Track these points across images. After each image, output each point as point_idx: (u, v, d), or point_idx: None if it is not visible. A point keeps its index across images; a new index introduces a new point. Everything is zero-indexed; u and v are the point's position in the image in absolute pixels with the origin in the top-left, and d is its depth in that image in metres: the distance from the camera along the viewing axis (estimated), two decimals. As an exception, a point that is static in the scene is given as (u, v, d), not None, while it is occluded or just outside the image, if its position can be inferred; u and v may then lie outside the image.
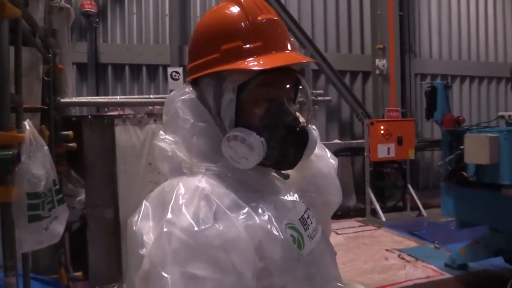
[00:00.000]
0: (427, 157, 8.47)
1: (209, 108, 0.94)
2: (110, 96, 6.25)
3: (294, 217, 0.93)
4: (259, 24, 0.92)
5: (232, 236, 0.79)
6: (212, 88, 0.93)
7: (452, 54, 8.98)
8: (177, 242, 0.77)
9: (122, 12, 7.02)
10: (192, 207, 0.81)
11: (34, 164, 1.60)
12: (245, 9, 0.92)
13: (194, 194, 0.83)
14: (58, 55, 2.85)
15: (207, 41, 0.94)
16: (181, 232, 0.77)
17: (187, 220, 0.78)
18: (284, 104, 0.94)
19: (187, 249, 0.76)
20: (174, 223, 0.78)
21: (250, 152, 0.87)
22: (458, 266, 4.30)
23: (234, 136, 0.88)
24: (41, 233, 1.63)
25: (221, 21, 0.94)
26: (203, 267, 0.76)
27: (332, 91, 7.84)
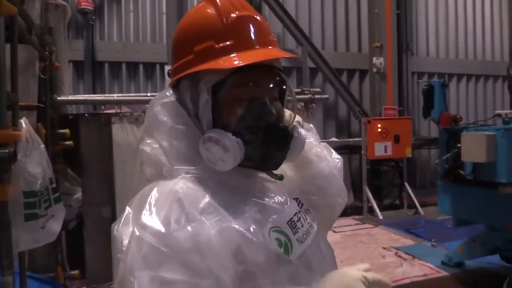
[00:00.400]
0: (424, 155, 8.49)
1: (188, 110, 0.93)
2: (106, 94, 6.24)
3: (281, 220, 0.90)
4: (231, 21, 0.89)
5: (204, 239, 0.77)
6: (189, 90, 0.92)
7: (449, 52, 9.00)
8: (147, 246, 0.75)
9: (119, 10, 6.99)
10: (164, 210, 0.79)
11: (31, 163, 1.59)
12: (219, 8, 0.90)
13: (167, 197, 0.81)
14: (54, 52, 2.83)
15: (182, 43, 0.93)
16: (151, 236, 0.76)
17: (158, 223, 0.77)
18: (264, 103, 0.89)
19: (157, 253, 0.75)
20: (145, 227, 0.77)
21: (225, 153, 0.85)
22: (454, 264, 4.31)
23: (209, 137, 0.86)
24: (38, 232, 1.63)
25: (195, 22, 0.92)
26: (175, 271, 0.74)
27: (329, 89, 7.83)
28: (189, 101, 0.92)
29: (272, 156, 0.90)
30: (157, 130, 0.92)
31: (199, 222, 0.78)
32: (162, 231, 0.76)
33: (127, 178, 3.00)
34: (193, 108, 0.92)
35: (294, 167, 1.07)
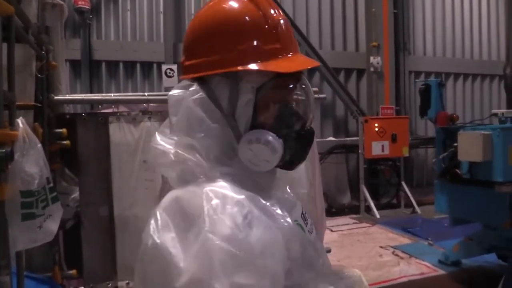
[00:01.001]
0: (421, 155, 8.51)
1: (220, 108, 0.89)
2: (104, 93, 6.23)
3: (298, 213, 0.94)
4: (277, 25, 0.89)
5: (270, 239, 0.78)
6: (227, 87, 0.88)
7: (446, 51, 9.02)
8: (221, 253, 0.73)
9: (116, 9, 6.97)
10: (227, 214, 0.77)
11: (27, 162, 1.59)
12: (260, 8, 0.89)
13: (225, 201, 0.79)
14: (51, 52, 2.81)
15: (220, 37, 0.88)
16: (223, 242, 0.74)
17: (227, 228, 0.75)
18: (293, 106, 0.93)
19: (232, 258, 0.73)
20: (214, 233, 0.74)
21: (272, 154, 0.86)
22: (451, 262, 4.34)
23: (257, 138, 0.85)
24: (35, 232, 1.62)
25: (238, 18, 0.89)
26: (249, 276, 0.73)
27: (327, 89, 7.84)
28: (225, 98, 0.88)
29: (301, 156, 0.93)
30: (191, 128, 0.87)
31: (261, 223, 0.78)
32: (233, 236, 0.74)
33: (125, 178, 3.00)
34: (229, 106, 0.88)
35: None
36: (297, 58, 0.91)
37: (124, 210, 2.95)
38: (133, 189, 2.97)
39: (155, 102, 3.10)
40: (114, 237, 2.96)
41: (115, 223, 2.94)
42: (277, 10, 0.92)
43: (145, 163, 3.01)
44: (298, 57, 0.92)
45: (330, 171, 7.35)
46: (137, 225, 2.73)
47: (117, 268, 2.95)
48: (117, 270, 2.95)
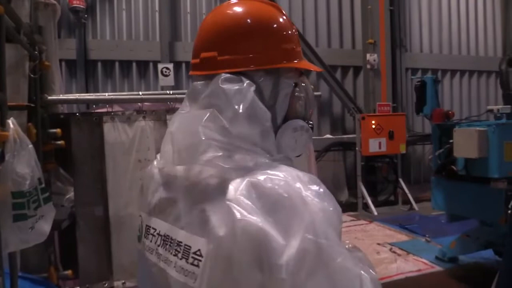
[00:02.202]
0: (419, 151, 8.52)
1: (264, 101, 0.94)
2: (100, 93, 6.21)
3: None
4: (296, 32, 1.03)
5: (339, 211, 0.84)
6: (271, 82, 0.97)
7: (443, 48, 9.02)
8: (327, 224, 0.77)
9: (111, 8, 6.94)
10: (312, 191, 0.80)
11: (19, 163, 1.58)
12: (287, 17, 1.03)
13: (301, 180, 0.82)
14: (44, 52, 2.81)
15: (264, 37, 0.96)
16: (333, 208, 0.80)
17: (318, 202, 0.79)
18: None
19: (335, 228, 0.78)
20: (323, 198, 0.80)
21: (309, 139, 0.99)
22: (448, 259, 4.34)
23: (301, 126, 0.97)
24: (27, 233, 1.61)
25: (280, 23, 1.00)
26: (340, 242, 0.79)
27: (323, 86, 7.84)
28: (268, 92, 0.96)
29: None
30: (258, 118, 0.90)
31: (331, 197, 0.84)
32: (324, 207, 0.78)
33: (119, 177, 2.99)
34: (271, 99, 0.97)
35: None
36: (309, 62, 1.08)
37: (119, 210, 2.95)
38: (128, 189, 2.96)
39: (149, 101, 3.09)
40: (109, 237, 2.96)
41: (110, 223, 2.94)
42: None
43: (139, 162, 3.00)
44: (309, 61, 1.09)
45: (327, 168, 7.36)
46: (132, 224, 2.73)
47: (113, 268, 2.95)
48: (113, 270, 2.95)
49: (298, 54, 1.01)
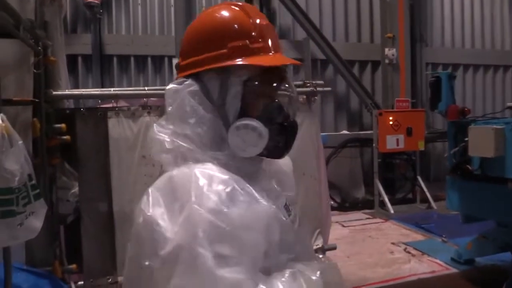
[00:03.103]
0: (439, 148, 8.29)
1: (212, 100, 1.00)
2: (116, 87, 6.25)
3: (281, 204, 1.03)
4: (261, 26, 1.03)
5: (251, 217, 0.87)
6: (218, 81, 1.00)
7: (465, 42, 8.73)
8: (205, 223, 0.83)
9: (127, 3, 6.97)
10: (213, 191, 0.87)
11: (7, 159, 1.57)
12: (249, 14, 1.03)
13: (211, 179, 0.89)
14: (50, 47, 2.81)
15: (213, 37, 1.01)
16: (208, 214, 0.84)
17: (212, 203, 0.85)
18: (278, 99, 1.04)
19: (216, 229, 0.83)
20: (200, 205, 0.85)
21: (259, 139, 0.96)
22: (464, 261, 4.21)
23: (245, 124, 0.96)
24: (15, 229, 1.61)
25: (228, 21, 1.03)
26: (231, 248, 0.83)
27: (341, 82, 7.71)
28: (216, 91, 1.00)
29: (285, 146, 1.03)
30: (185, 117, 0.98)
31: (243, 202, 0.88)
32: (217, 209, 0.85)
33: (124, 173, 2.98)
34: (219, 98, 1.00)
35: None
36: (278, 57, 1.03)
37: (123, 205, 2.94)
38: (132, 185, 2.95)
39: (154, 96, 3.07)
40: (113, 232, 2.95)
41: (114, 218, 2.94)
42: (261, 15, 1.06)
43: (144, 158, 2.98)
44: (278, 56, 1.04)
45: (344, 165, 7.25)
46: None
47: (116, 263, 2.95)
48: (116, 265, 2.95)
49: (253, 50, 1.00)
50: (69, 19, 6.55)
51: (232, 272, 0.81)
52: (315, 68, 7.71)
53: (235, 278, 0.80)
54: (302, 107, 3.42)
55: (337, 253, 4.12)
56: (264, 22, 1.04)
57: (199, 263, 0.80)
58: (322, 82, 3.61)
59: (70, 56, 6.36)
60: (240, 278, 0.81)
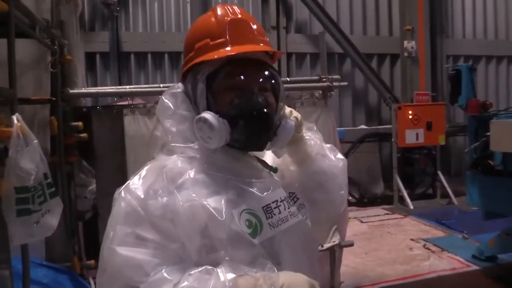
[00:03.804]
0: (460, 143, 8.12)
1: (190, 99, 1.07)
2: (133, 85, 6.31)
3: (256, 204, 1.00)
4: (224, 23, 1.05)
5: (173, 210, 0.92)
6: (191, 81, 1.07)
7: (488, 34, 8.49)
8: (129, 207, 0.94)
9: (143, 0, 7.01)
10: (149, 180, 0.97)
11: (23, 158, 1.59)
12: (216, 14, 1.07)
13: (155, 170, 0.99)
14: (66, 46, 2.85)
15: (187, 43, 1.10)
16: (133, 199, 0.94)
17: (141, 190, 0.95)
18: (249, 92, 1.02)
19: (136, 214, 0.93)
20: (130, 191, 0.96)
21: (211, 131, 0.98)
22: (486, 258, 4.11)
23: (199, 118, 1.00)
24: (32, 227, 1.64)
25: (197, 26, 1.11)
26: (148, 231, 0.91)
27: (359, 75, 7.61)
28: (190, 90, 1.07)
29: (254, 137, 1.02)
30: (163, 115, 1.07)
31: (172, 195, 0.94)
32: (142, 197, 0.94)
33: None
34: (193, 96, 1.07)
35: (297, 163, 1.18)
36: (237, 48, 1.02)
37: (139, 202, 2.97)
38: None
39: (169, 93, 3.07)
40: (130, 228, 2.98)
41: (131, 215, 2.96)
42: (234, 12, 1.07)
43: (159, 155, 3.00)
44: (240, 47, 1.03)
45: (362, 160, 7.16)
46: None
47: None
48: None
49: (213, 47, 1.03)
50: (87, 17, 6.63)
51: (135, 252, 0.89)
52: (332, 62, 7.64)
53: (132, 256, 0.89)
54: (318, 102, 3.37)
55: (355, 249, 4.08)
56: (235, 17, 1.06)
57: (107, 239, 0.93)
58: (338, 76, 3.55)
59: (88, 54, 6.46)
60: (139, 258, 0.89)
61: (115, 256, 0.90)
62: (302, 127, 1.16)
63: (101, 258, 0.95)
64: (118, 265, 0.90)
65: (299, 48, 7.57)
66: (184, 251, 0.91)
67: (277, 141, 1.06)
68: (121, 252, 0.89)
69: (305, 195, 1.14)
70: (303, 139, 1.16)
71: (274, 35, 7.27)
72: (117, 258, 0.89)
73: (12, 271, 1.66)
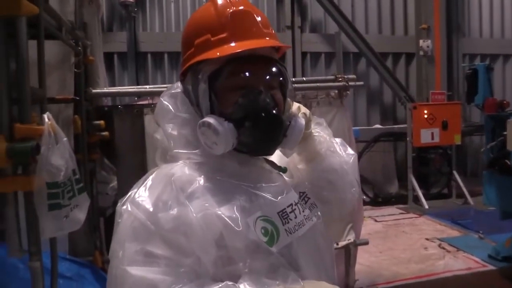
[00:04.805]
0: (476, 142, 8.05)
1: (190, 100, 0.99)
2: (150, 84, 6.41)
3: (271, 210, 0.94)
4: (226, 16, 0.95)
5: (186, 222, 0.85)
6: (191, 80, 0.99)
7: (505, 32, 8.38)
8: (137, 222, 0.85)
9: (160, 1, 7.10)
10: (157, 191, 0.88)
11: (53, 155, 1.66)
12: (216, 6, 0.97)
13: (162, 180, 0.90)
14: (88, 47, 2.93)
15: (185, 39, 1.01)
16: (141, 213, 0.86)
17: (149, 203, 0.87)
18: (256, 91, 0.93)
19: (145, 228, 0.85)
20: (138, 205, 0.87)
21: (216, 136, 0.90)
22: (502, 258, 4.09)
23: (203, 122, 0.92)
24: (62, 221, 1.71)
25: (195, 19, 1.02)
26: (159, 247, 0.83)
27: (374, 75, 7.59)
28: (191, 91, 0.99)
29: (263, 141, 0.94)
30: (164, 118, 0.99)
31: (183, 206, 0.86)
32: (150, 210, 0.86)
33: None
34: (194, 97, 0.98)
35: (306, 161, 1.11)
36: (243, 44, 0.93)
37: (159, 198, 3.04)
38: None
39: (188, 93, 3.13)
40: (150, 225, 3.06)
41: (150, 211, 3.04)
42: (236, 3, 0.97)
43: (178, 153, 3.06)
44: (246, 43, 0.93)
45: (377, 159, 7.15)
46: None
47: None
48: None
49: (215, 43, 0.94)
50: (105, 18, 6.74)
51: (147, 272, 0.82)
52: (347, 61, 7.63)
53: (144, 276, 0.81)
54: (333, 102, 3.41)
55: (369, 248, 4.10)
56: (237, 8, 0.96)
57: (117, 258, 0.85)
58: (354, 76, 3.58)
59: (106, 54, 6.51)
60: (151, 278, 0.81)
61: (126, 277, 0.82)
62: (311, 123, 1.07)
63: (110, 278, 0.87)
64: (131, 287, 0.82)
65: (314, 47, 7.59)
66: (200, 265, 0.84)
67: (288, 143, 0.98)
68: (133, 272, 0.81)
69: (315, 194, 1.07)
70: (312, 136, 1.07)
71: (289, 35, 7.31)
72: (129, 279, 0.82)
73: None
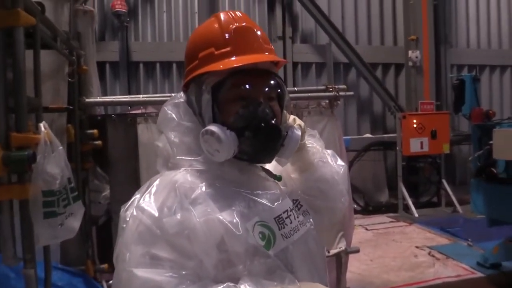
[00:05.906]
0: (464, 151, 8.16)
1: (194, 109, 1.05)
2: (142, 94, 6.43)
3: (268, 215, 0.99)
4: (229, 31, 1.02)
5: (190, 226, 0.90)
6: (195, 91, 1.05)
7: (491, 43, 8.57)
8: (143, 226, 0.91)
9: (153, 11, 7.16)
10: (162, 197, 0.94)
11: (49, 164, 1.68)
12: (221, 22, 1.04)
13: (166, 186, 0.96)
14: (82, 56, 2.95)
15: (190, 52, 1.08)
16: (147, 218, 0.91)
17: (154, 208, 0.92)
18: (257, 102, 1.00)
19: (151, 233, 0.90)
20: (143, 210, 0.92)
21: (219, 144, 0.96)
22: (490, 265, 4.15)
23: (206, 130, 0.98)
24: (56, 229, 1.72)
25: (200, 34, 1.09)
26: (164, 250, 0.88)
27: (364, 85, 7.70)
28: (194, 101, 1.05)
29: (263, 149, 1.00)
30: (167, 126, 1.05)
31: (187, 211, 0.91)
32: (156, 215, 0.91)
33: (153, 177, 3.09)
34: (197, 107, 1.04)
35: (299, 170, 1.17)
36: (245, 58, 1.00)
37: (152, 207, 3.05)
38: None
39: (181, 102, 3.16)
40: (143, 233, 3.06)
41: (143, 220, 3.04)
42: (238, 19, 1.05)
43: (171, 162, 3.08)
44: (248, 57, 1.00)
45: (367, 168, 7.22)
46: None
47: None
48: (145, 265, 3.06)
49: (219, 56, 1.00)
50: (98, 27, 6.77)
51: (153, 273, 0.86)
52: (338, 71, 7.74)
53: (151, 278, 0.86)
54: (324, 111, 3.46)
55: (360, 256, 4.14)
56: (239, 25, 1.03)
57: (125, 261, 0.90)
58: (344, 86, 3.65)
59: (98, 63, 6.48)
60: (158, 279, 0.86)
61: (133, 279, 0.86)
62: (305, 135, 1.14)
63: (117, 281, 0.92)
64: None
65: (304, 57, 7.69)
66: (202, 268, 0.89)
67: (285, 152, 1.04)
68: (139, 274, 0.86)
69: (308, 203, 1.13)
70: (306, 147, 1.14)
71: (280, 45, 7.39)
72: (136, 281, 0.86)
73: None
